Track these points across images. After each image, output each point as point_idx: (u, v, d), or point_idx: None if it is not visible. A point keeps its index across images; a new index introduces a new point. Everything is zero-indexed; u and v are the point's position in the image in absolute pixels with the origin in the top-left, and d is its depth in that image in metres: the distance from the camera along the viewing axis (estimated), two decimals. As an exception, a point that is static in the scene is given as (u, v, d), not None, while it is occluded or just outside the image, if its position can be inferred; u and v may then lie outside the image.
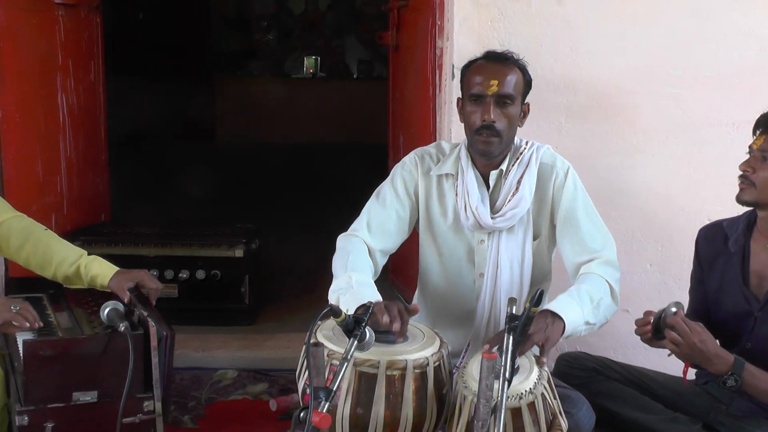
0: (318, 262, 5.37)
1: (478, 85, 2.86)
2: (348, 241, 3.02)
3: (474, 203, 2.94)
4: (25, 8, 4.20)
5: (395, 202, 3.06)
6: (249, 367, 4.09)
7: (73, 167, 4.73)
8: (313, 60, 11.97)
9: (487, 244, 3.01)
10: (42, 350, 2.73)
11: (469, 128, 2.93)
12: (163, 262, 4.41)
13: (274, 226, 5.68)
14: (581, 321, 2.75)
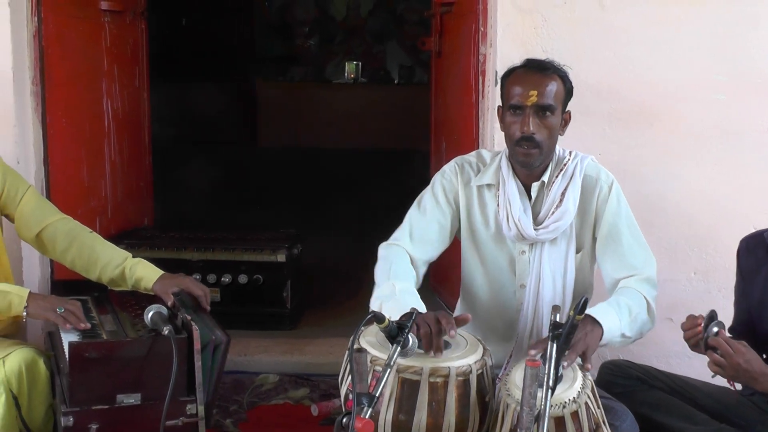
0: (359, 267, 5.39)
1: (517, 95, 2.83)
2: (390, 250, 3.02)
3: (516, 214, 2.91)
4: (72, 15, 4.25)
5: (436, 210, 3.05)
6: (291, 371, 4.10)
7: (117, 171, 4.79)
8: (354, 65, 11.99)
9: (528, 256, 2.99)
10: (87, 352, 2.76)
11: (509, 139, 2.89)
12: (205, 266, 4.44)
13: (316, 231, 5.70)
14: (618, 332, 2.73)
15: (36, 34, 3.91)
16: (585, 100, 3.24)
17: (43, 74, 3.96)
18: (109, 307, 3.35)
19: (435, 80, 5.22)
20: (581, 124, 3.28)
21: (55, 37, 4.05)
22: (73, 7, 4.26)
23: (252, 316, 4.28)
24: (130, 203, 4.99)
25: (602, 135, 3.81)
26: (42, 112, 3.97)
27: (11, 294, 3.00)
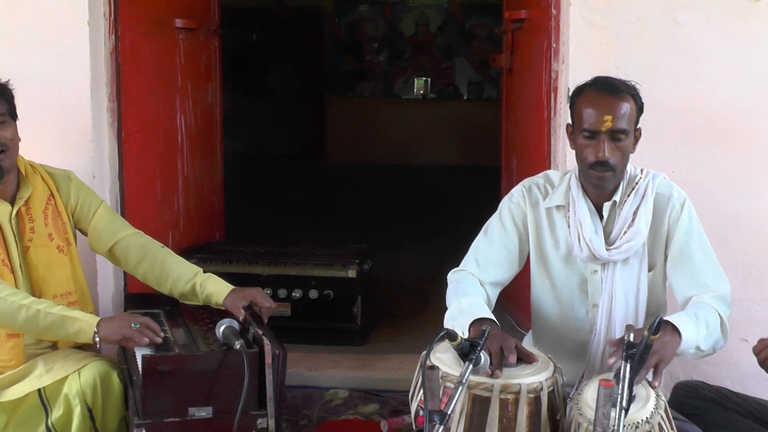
0: (429, 282, 5.41)
1: (590, 120, 2.79)
2: (457, 276, 3.03)
3: (588, 235, 2.88)
4: (148, 32, 4.32)
5: (503, 236, 3.04)
6: (360, 387, 4.10)
7: (189, 186, 4.84)
8: (423, 81, 12.03)
9: (600, 275, 2.95)
10: (160, 365, 2.79)
11: (582, 161, 2.86)
12: (276, 281, 4.46)
13: (385, 247, 5.71)
14: (694, 342, 2.68)
15: (113, 51, 3.98)
16: (658, 118, 3.20)
17: (120, 90, 4.02)
18: (181, 320, 3.38)
19: (506, 97, 5.19)
20: (654, 141, 3.24)
21: (131, 54, 4.12)
22: (149, 26, 4.33)
23: (322, 332, 4.28)
24: (201, 217, 5.05)
25: (675, 153, 3.76)
26: (117, 128, 4.03)
27: (80, 321, 3.02)
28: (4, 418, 3.05)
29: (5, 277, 3.14)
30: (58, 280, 3.26)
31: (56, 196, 3.33)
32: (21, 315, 2.99)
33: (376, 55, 12.39)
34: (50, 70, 3.87)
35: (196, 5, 4.96)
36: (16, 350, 3.14)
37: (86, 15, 3.85)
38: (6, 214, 3.19)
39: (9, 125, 3.16)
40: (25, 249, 3.21)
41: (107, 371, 3.02)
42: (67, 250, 3.31)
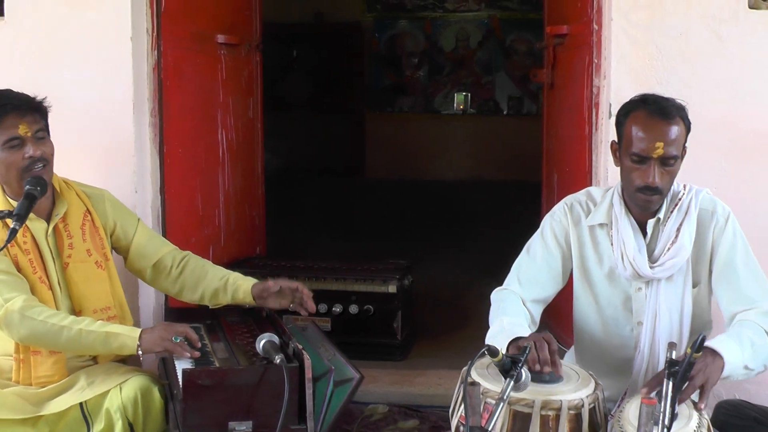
0: (469, 298, 5.40)
1: (640, 145, 2.75)
2: (500, 295, 3.02)
3: (631, 253, 2.86)
4: (190, 48, 4.36)
5: (546, 254, 3.03)
6: (400, 402, 4.08)
7: (230, 201, 4.87)
8: (463, 96, 12.03)
9: (644, 292, 2.93)
10: (200, 379, 2.80)
11: (628, 183, 2.84)
12: (317, 296, 4.37)
13: (424, 262, 5.70)
14: (740, 363, 2.64)
15: (155, 67, 4.02)
16: (701, 133, 3.13)
17: (162, 105, 4.06)
18: (221, 334, 3.40)
19: (547, 112, 5.18)
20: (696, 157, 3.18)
21: (174, 69, 4.15)
22: (191, 41, 4.37)
23: (362, 346, 4.26)
24: (242, 232, 5.07)
25: (718, 168, 3.72)
26: (159, 142, 4.06)
27: (122, 336, 3.06)
28: (46, 431, 3.08)
29: (44, 294, 3.17)
30: (98, 295, 3.29)
31: (92, 212, 3.37)
32: (63, 336, 3.03)
33: (416, 70, 12.40)
34: (94, 86, 3.93)
35: (238, 21, 5.00)
36: (59, 365, 3.18)
37: (129, 31, 3.90)
38: (42, 230, 3.22)
39: (48, 141, 3.22)
40: (64, 265, 3.25)
41: (148, 386, 3.04)
42: (105, 266, 3.34)
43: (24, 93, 3.23)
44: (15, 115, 3.13)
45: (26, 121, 3.13)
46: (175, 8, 4.12)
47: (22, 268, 3.16)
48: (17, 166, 3.13)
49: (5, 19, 4.00)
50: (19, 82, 3.36)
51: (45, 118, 3.24)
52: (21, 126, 3.11)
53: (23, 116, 3.13)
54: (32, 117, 3.16)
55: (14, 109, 3.13)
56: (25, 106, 3.16)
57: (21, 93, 3.23)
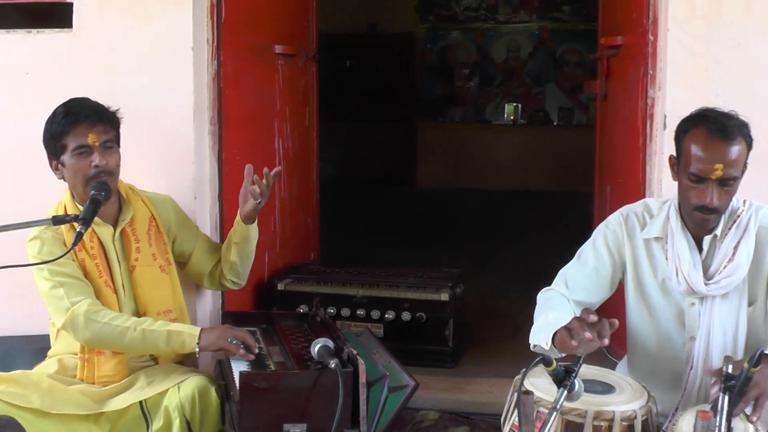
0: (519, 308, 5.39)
1: (699, 165, 2.71)
2: (546, 295, 3.02)
3: (686, 269, 2.84)
4: (249, 58, 4.42)
5: (596, 261, 3.01)
6: (451, 409, 4.09)
7: (286, 208, 4.92)
8: (513, 107, 12.03)
9: (698, 308, 2.90)
10: (257, 382, 2.85)
11: (686, 202, 2.81)
12: (370, 303, 4.50)
13: (474, 271, 5.72)
14: None
15: (215, 76, 4.08)
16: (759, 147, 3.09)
17: (221, 114, 4.11)
18: (277, 338, 3.45)
19: (600, 123, 5.16)
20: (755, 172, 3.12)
21: (233, 79, 4.21)
22: (250, 52, 4.43)
23: (413, 353, 4.27)
24: (297, 238, 5.12)
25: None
26: (218, 150, 4.11)
27: (183, 333, 3.17)
28: (107, 427, 3.17)
29: (108, 297, 3.27)
30: (161, 298, 3.39)
31: (157, 218, 3.48)
32: (126, 337, 3.13)
33: (467, 80, 12.42)
34: (156, 95, 3.99)
35: (295, 32, 5.06)
36: (121, 366, 3.28)
37: (190, 41, 3.96)
38: (109, 235, 3.33)
39: (115, 151, 3.32)
40: (131, 269, 3.35)
41: (206, 386, 3.12)
42: (168, 270, 3.45)
43: (98, 103, 3.34)
44: (87, 124, 3.23)
45: (96, 130, 3.23)
46: (234, 20, 4.18)
47: (89, 271, 3.26)
48: (83, 174, 3.23)
49: (73, 30, 4.10)
50: (84, 92, 3.46)
51: (116, 129, 3.34)
52: (90, 135, 3.22)
53: (94, 126, 3.24)
54: (103, 127, 3.26)
55: (86, 118, 3.24)
56: (96, 115, 3.27)
57: (95, 102, 3.33)
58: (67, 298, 3.16)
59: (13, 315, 4.20)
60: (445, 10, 12.36)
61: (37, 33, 4.18)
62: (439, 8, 12.36)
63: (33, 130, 3.91)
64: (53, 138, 3.28)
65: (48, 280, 3.19)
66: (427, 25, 12.35)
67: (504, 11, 12.22)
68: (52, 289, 3.19)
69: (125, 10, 4.03)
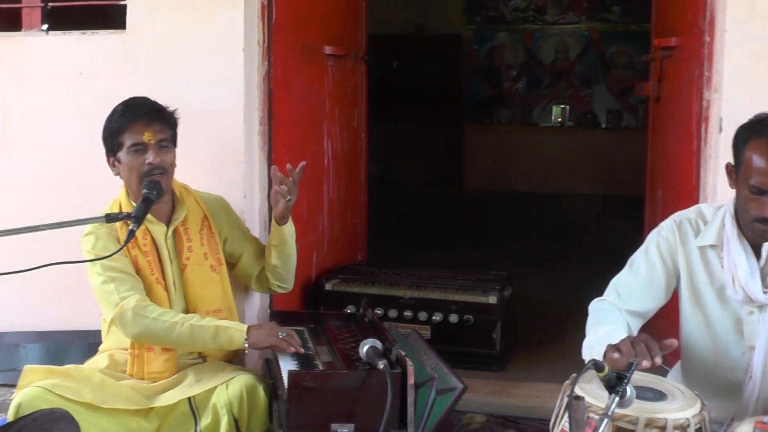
0: (566, 312, 5.36)
1: (759, 178, 2.64)
2: (598, 306, 2.97)
3: (743, 277, 2.77)
4: (298, 60, 4.43)
5: (649, 270, 2.95)
6: (498, 412, 4.07)
7: (334, 208, 4.94)
8: (560, 109, 11.95)
9: (757, 317, 2.82)
10: (305, 381, 2.87)
11: (745, 212, 2.75)
12: (417, 304, 4.49)
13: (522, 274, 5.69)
14: None
15: (265, 77, 4.10)
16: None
17: (271, 115, 4.14)
18: (325, 338, 3.47)
19: (652, 126, 5.09)
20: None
21: (283, 80, 4.23)
22: (300, 53, 4.45)
23: (460, 355, 4.26)
24: (345, 239, 5.14)
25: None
26: (268, 151, 4.14)
27: (231, 329, 3.20)
28: (156, 422, 3.21)
29: (159, 295, 3.31)
30: (211, 297, 3.42)
31: (209, 218, 3.51)
32: (174, 332, 3.16)
33: (514, 82, 12.36)
34: (206, 95, 4.03)
35: (344, 33, 5.08)
36: (170, 362, 3.32)
37: (242, 43, 4.00)
38: (162, 233, 3.37)
39: (170, 151, 3.36)
40: (182, 267, 3.39)
41: (254, 384, 3.14)
42: (218, 269, 3.48)
43: (156, 102, 3.39)
44: (144, 122, 3.28)
45: (152, 129, 3.28)
46: (285, 21, 4.21)
47: (141, 268, 3.30)
48: (138, 171, 3.28)
49: (126, 32, 4.16)
50: (137, 92, 3.51)
51: (172, 129, 3.39)
52: (146, 133, 3.27)
53: (150, 124, 3.29)
54: (159, 126, 3.31)
55: (143, 117, 3.29)
56: (154, 114, 3.33)
57: (154, 102, 3.39)
58: (117, 293, 3.21)
59: (66, 311, 4.27)
60: (492, 11, 12.31)
61: (92, 34, 4.26)
62: (486, 9, 12.32)
63: (86, 129, 4.00)
64: (111, 135, 3.34)
65: (100, 274, 3.24)
66: (474, 26, 12.31)
67: (552, 12, 12.14)
68: (103, 284, 3.24)
69: (178, 11, 4.08)
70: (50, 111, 4.31)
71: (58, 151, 4.30)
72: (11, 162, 4.39)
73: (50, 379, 3.11)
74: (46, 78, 4.32)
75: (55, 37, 4.34)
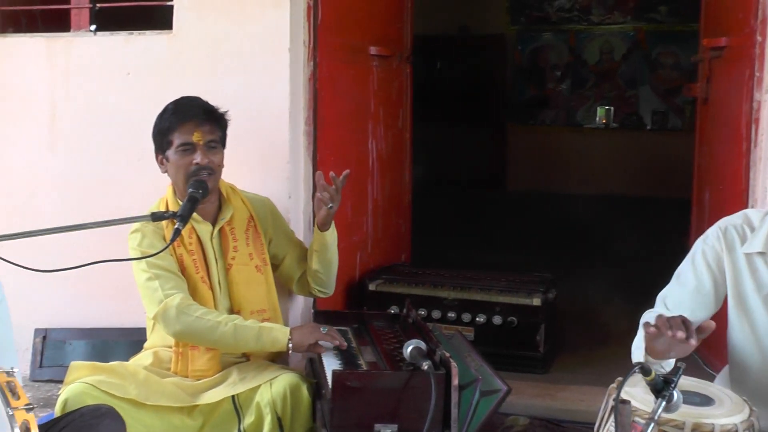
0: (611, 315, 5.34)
1: None
2: (647, 317, 2.92)
3: None
4: (344, 60, 4.45)
5: (696, 280, 2.91)
6: (541, 415, 4.05)
7: (378, 209, 4.95)
8: (605, 110, 11.86)
9: None
10: (349, 381, 2.87)
11: None
12: (461, 305, 4.48)
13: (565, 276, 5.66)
14: None
15: (311, 77, 4.12)
16: None
17: (316, 115, 4.16)
18: (369, 339, 3.47)
19: (699, 127, 5.03)
20: None
21: (328, 80, 4.25)
22: (345, 53, 4.46)
23: (504, 357, 4.22)
24: (388, 239, 5.15)
25: None
26: (313, 151, 4.16)
27: (275, 330, 3.22)
28: (200, 420, 3.23)
29: (204, 294, 3.33)
30: (256, 297, 3.44)
31: (255, 219, 3.52)
32: (218, 332, 3.18)
33: (558, 83, 12.29)
34: (252, 96, 4.05)
35: (390, 33, 5.09)
36: (214, 361, 3.33)
37: (287, 43, 4.01)
38: (208, 233, 3.39)
39: (219, 152, 3.39)
40: (228, 267, 3.41)
41: (297, 383, 3.15)
42: (263, 270, 3.50)
43: (207, 103, 3.41)
44: (194, 122, 3.31)
45: (202, 129, 3.31)
46: (331, 21, 4.22)
47: (186, 267, 3.33)
48: (185, 170, 3.30)
49: (173, 32, 4.20)
50: (183, 92, 3.54)
51: (222, 130, 3.41)
52: (196, 133, 3.29)
53: (201, 125, 3.31)
54: (209, 127, 3.33)
55: (194, 117, 3.32)
56: (204, 115, 3.35)
57: (205, 102, 3.41)
58: (161, 290, 3.24)
59: (111, 308, 4.33)
60: (537, 11, 12.25)
61: (139, 35, 4.30)
62: (531, 9, 12.25)
63: (133, 128, 4.05)
64: (161, 133, 3.37)
65: (145, 271, 3.27)
66: (518, 27, 12.26)
67: (598, 12, 12.05)
68: (147, 280, 3.27)
69: (224, 11, 4.11)
70: (97, 111, 4.36)
71: (105, 150, 4.35)
72: (59, 161, 4.45)
73: (96, 375, 3.14)
74: (94, 78, 4.38)
75: (103, 38, 4.40)
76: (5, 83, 4.50)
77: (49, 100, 4.41)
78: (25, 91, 4.47)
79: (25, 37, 4.55)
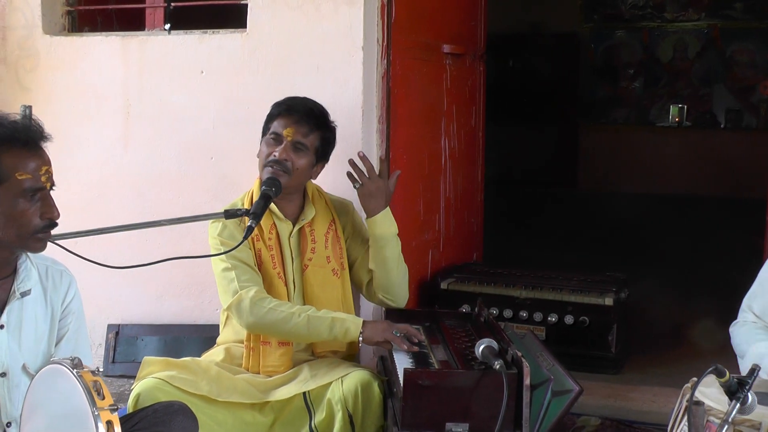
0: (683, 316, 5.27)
1: None
2: (736, 331, 2.93)
3: None
4: (417, 58, 4.45)
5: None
6: (613, 416, 4.03)
7: (450, 207, 4.94)
8: (678, 108, 11.69)
9: None
10: (420, 379, 2.87)
11: None
12: (532, 305, 4.46)
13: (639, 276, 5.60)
14: None
15: (384, 75, 4.13)
16: None
17: (389, 113, 4.16)
18: (441, 337, 3.46)
19: (780, 126, 4.95)
20: None
21: (401, 78, 4.25)
22: (418, 51, 4.46)
23: (575, 357, 4.19)
24: (460, 238, 5.13)
25: None
26: (386, 149, 4.16)
27: (347, 321, 3.23)
28: (272, 416, 3.26)
29: (279, 290, 3.36)
30: (330, 300, 3.44)
31: (337, 222, 3.53)
32: (291, 322, 3.20)
33: (631, 81, 12.15)
34: (325, 93, 4.03)
35: (463, 31, 5.07)
36: (285, 357, 3.36)
37: (361, 41, 4.03)
38: (287, 231, 3.41)
39: (304, 156, 3.39)
40: (304, 267, 3.43)
41: (369, 381, 3.16)
42: (340, 274, 3.51)
43: (319, 108, 3.48)
44: (294, 118, 3.35)
45: (297, 128, 3.33)
46: (404, 19, 4.22)
47: (263, 262, 3.36)
48: (263, 158, 3.37)
49: (247, 31, 4.24)
50: (257, 90, 3.58)
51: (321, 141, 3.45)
52: (288, 129, 3.33)
53: (298, 123, 3.34)
54: (306, 128, 3.36)
55: (296, 113, 3.36)
56: (306, 116, 3.39)
57: (319, 108, 3.47)
58: (237, 281, 3.27)
59: (183, 304, 4.38)
60: (610, 9, 12.11)
61: (213, 34, 4.35)
62: (604, 7, 12.12)
63: (206, 126, 4.09)
64: (268, 118, 3.46)
65: (223, 261, 3.31)
66: (591, 25, 12.14)
67: (671, 9, 11.87)
68: (224, 270, 3.30)
69: (298, 10, 4.13)
70: (172, 109, 4.43)
71: (178, 148, 4.41)
72: (132, 158, 4.53)
73: (168, 371, 3.19)
74: (168, 77, 4.45)
75: (177, 37, 4.46)
76: (81, 82, 4.59)
77: (124, 99, 4.49)
78: (100, 89, 4.56)
79: (101, 36, 4.63)
